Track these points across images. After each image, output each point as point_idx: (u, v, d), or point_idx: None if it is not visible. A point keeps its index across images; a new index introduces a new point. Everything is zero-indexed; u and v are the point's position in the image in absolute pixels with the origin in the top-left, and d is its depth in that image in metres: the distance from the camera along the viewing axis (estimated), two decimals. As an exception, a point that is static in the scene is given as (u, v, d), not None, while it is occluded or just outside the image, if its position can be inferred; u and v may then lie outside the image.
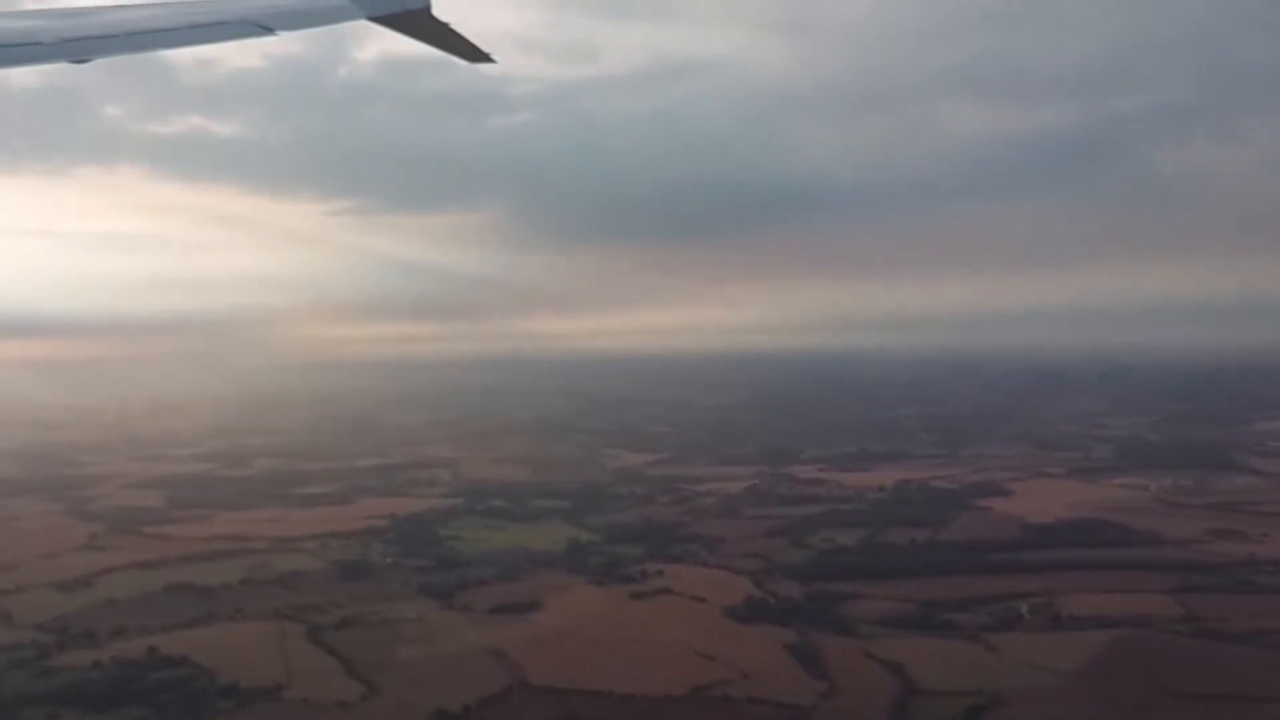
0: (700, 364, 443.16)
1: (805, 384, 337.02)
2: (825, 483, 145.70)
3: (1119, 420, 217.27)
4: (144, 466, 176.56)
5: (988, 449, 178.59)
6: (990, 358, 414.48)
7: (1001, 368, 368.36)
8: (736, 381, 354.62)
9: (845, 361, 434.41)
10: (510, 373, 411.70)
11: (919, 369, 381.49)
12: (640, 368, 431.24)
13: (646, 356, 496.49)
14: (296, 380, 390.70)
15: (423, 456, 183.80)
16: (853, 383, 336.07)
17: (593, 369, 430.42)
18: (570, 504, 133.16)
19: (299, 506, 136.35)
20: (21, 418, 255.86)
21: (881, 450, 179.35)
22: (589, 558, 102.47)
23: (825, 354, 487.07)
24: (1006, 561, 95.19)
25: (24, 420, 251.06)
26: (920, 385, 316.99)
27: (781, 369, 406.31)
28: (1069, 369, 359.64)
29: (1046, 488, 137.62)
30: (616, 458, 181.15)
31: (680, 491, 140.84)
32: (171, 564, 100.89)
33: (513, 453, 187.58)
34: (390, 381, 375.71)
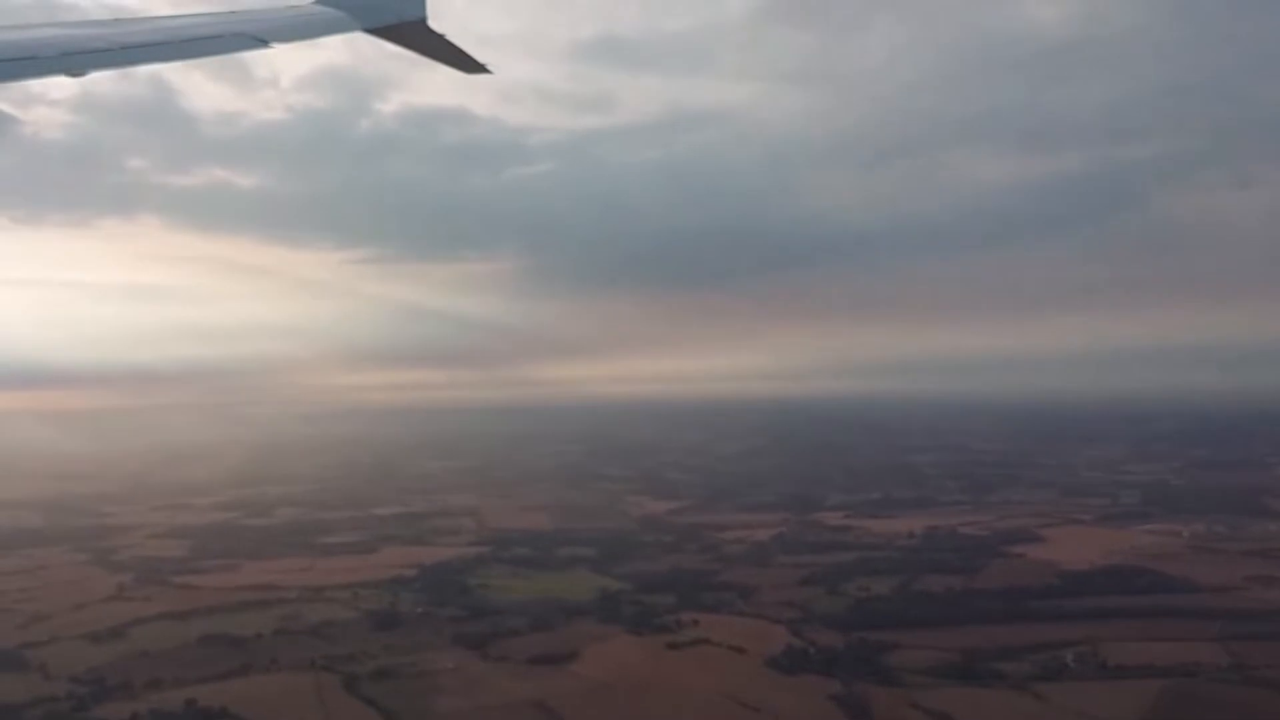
0: (714, 410, 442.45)
1: (822, 429, 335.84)
2: (853, 530, 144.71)
3: (1142, 466, 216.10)
4: (167, 516, 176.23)
5: (1013, 495, 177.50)
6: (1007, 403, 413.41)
7: (1019, 413, 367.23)
8: (752, 427, 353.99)
9: (861, 407, 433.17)
10: (525, 419, 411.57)
11: (936, 414, 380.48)
12: (654, 414, 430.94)
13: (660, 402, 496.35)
14: (313, 428, 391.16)
15: (444, 504, 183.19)
16: (870, 428, 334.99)
17: (607, 415, 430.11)
18: (596, 552, 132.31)
19: (325, 555, 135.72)
20: (43, 468, 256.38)
21: (906, 496, 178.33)
22: (621, 607, 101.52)
23: (840, 399, 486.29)
24: (1046, 609, 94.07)
25: (46, 471, 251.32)
26: (938, 431, 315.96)
27: (797, 414, 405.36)
28: (1086, 414, 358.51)
29: (1077, 534, 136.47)
30: (639, 505, 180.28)
31: (706, 539, 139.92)
32: (202, 614, 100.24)
33: (534, 500, 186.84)
34: (406, 429, 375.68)
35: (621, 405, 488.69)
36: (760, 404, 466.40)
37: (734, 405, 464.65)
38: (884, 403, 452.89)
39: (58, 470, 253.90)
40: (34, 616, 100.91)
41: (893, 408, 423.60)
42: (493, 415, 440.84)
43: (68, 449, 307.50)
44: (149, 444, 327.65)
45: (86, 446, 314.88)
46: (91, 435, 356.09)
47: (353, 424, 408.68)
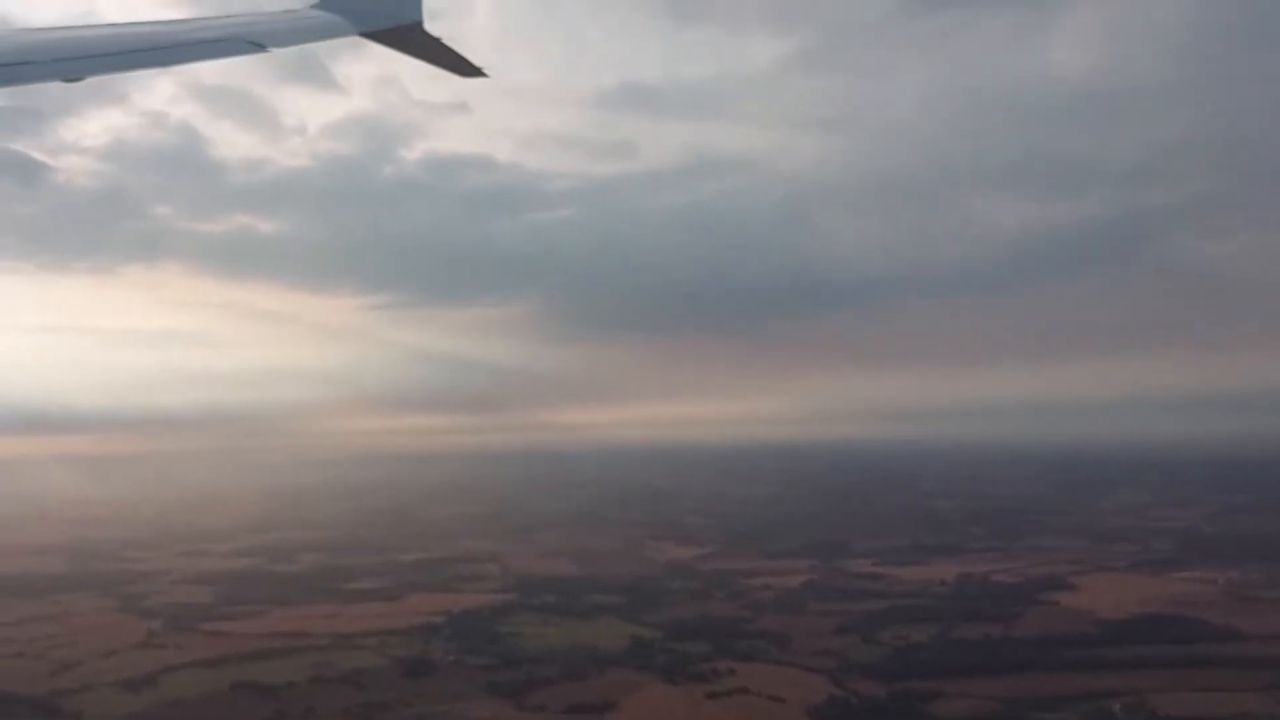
0: (730, 455, 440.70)
1: (841, 475, 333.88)
2: (883, 577, 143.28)
3: (1170, 512, 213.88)
4: (190, 562, 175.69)
5: (1042, 542, 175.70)
6: (1029, 448, 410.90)
7: (1041, 458, 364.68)
8: (769, 472, 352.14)
9: (879, 452, 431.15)
10: (541, 464, 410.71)
11: (956, 460, 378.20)
12: (670, 459, 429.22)
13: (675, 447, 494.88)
14: (332, 473, 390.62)
15: (466, 550, 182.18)
16: (889, 473, 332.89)
17: (622, 460, 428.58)
18: (624, 599, 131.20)
19: (351, 602, 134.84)
20: (63, 513, 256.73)
21: (934, 543, 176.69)
22: (654, 655, 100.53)
23: (858, 444, 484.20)
24: (1088, 658, 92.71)
25: (66, 516, 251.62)
26: (959, 476, 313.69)
27: (815, 460, 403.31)
28: (1109, 459, 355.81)
29: (1111, 582, 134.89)
30: (662, 551, 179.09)
31: (734, 586, 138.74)
32: (234, 661, 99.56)
33: (557, 546, 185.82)
34: (424, 474, 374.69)
35: (637, 450, 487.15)
36: (776, 449, 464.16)
37: (750, 450, 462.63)
38: (902, 448, 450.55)
39: (77, 515, 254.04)
40: (64, 664, 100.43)
41: (912, 453, 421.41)
42: (508, 460, 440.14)
43: (87, 494, 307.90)
44: (167, 489, 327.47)
45: (105, 491, 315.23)
46: (110, 480, 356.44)
47: (370, 469, 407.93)
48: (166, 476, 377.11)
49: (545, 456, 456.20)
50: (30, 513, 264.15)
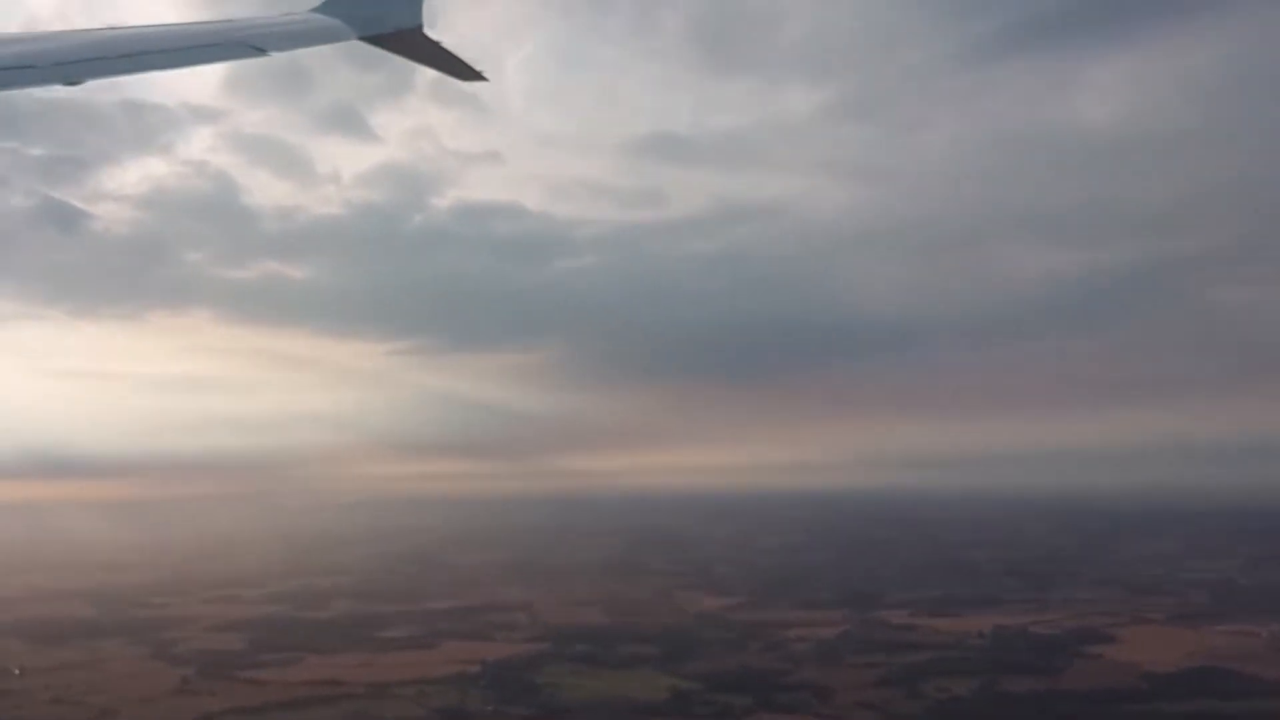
0: (754, 502, 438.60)
1: (867, 523, 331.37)
2: (919, 628, 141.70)
3: (1203, 563, 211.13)
4: (219, 608, 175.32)
5: (1076, 593, 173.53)
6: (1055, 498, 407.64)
7: (1068, 508, 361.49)
8: (794, 520, 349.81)
9: (903, 500, 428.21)
10: (564, 511, 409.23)
11: (982, 509, 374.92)
12: (693, 506, 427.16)
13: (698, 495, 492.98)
14: (356, 518, 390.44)
15: (496, 598, 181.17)
16: (915, 522, 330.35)
17: (646, 507, 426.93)
18: (659, 650, 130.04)
19: (384, 650, 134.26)
20: (90, 558, 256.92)
21: (967, 594, 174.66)
22: (695, 707, 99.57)
23: (882, 493, 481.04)
24: (1142, 713, 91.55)
25: (93, 561, 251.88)
26: (987, 526, 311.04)
27: (839, 508, 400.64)
28: (1136, 509, 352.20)
29: (1152, 634, 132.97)
30: (693, 600, 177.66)
31: (770, 637, 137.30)
32: (273, 710, 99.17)
33: (585, 594, 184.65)
34: (448, 519, 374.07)
35: (660, 497, 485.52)
36: (799, 497, 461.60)
37: (773, 498, 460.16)
38: (927, 497, 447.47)
39: (104, 561, 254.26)
40: (102, 711, 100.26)
41: (937, 502, 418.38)
42: (531, 506, 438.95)
43: (112, 539, 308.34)
44: (193, 534, 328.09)
45: (130, 536, 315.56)
46: (136, 525, 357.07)
47: (394, 514, 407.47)
48: (190, 521, 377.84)
49: (568, 502, 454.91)
50: (56, 557, 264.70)
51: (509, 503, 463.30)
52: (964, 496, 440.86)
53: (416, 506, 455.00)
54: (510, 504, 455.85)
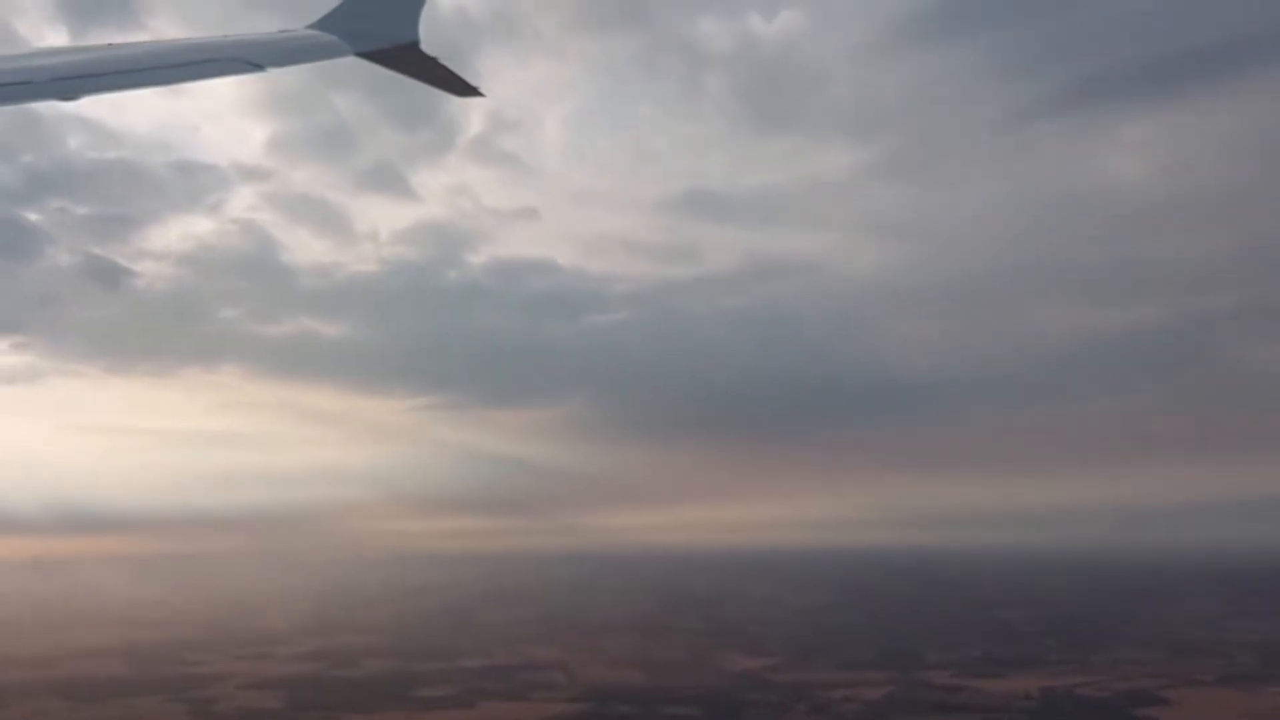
0: (782, 560, 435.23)
1: (898, 581, 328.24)
2: (965, 690, 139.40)
3: (1245, 623, 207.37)
4: (252, 666, 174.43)
5: (1120, 654, 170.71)
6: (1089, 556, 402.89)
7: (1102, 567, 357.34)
8: (823, 578, 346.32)
9: (934, 558, 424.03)
10: (591, 568, 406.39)
11: (1014, 568, 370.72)
12: (721, 563, 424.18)
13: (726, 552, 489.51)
14: (381, 575, 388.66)
15: (530, 657, 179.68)
16: (948, 581, 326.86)
17: (673, 564, 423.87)
18: (703, 712, 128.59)
19: (423, 709, 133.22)
20: (121, 615, 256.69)
21: (1009, 655, 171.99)
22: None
23: (912, 550, 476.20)
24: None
25: (123, 617, 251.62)
26: (1020, 585, 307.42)
27: (869, 565, 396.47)
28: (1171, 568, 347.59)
29: (1205, 696, 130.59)
30: (730, 660, 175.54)
31: (815, 699, 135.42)
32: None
33: (620, 653, 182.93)
34: (475, 576, 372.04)
35: (687, 554, 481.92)
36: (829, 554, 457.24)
37: (801, 555, 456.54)
38: (959, 555, 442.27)
39: (133, 617, 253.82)
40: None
41: (969, 560, 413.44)
42: (557, 563, 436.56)
43: (140, 594, 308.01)
44: (219, 590, 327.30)
45: (158, 592, 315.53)
46: (162, 580, 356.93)
47: (420, 571, 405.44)
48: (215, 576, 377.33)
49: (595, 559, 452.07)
50: (85, 614, 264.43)
51: (535, 559, 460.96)
52: (996, 554, 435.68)
53: (442, 563, 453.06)
54: (536, 560, 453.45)
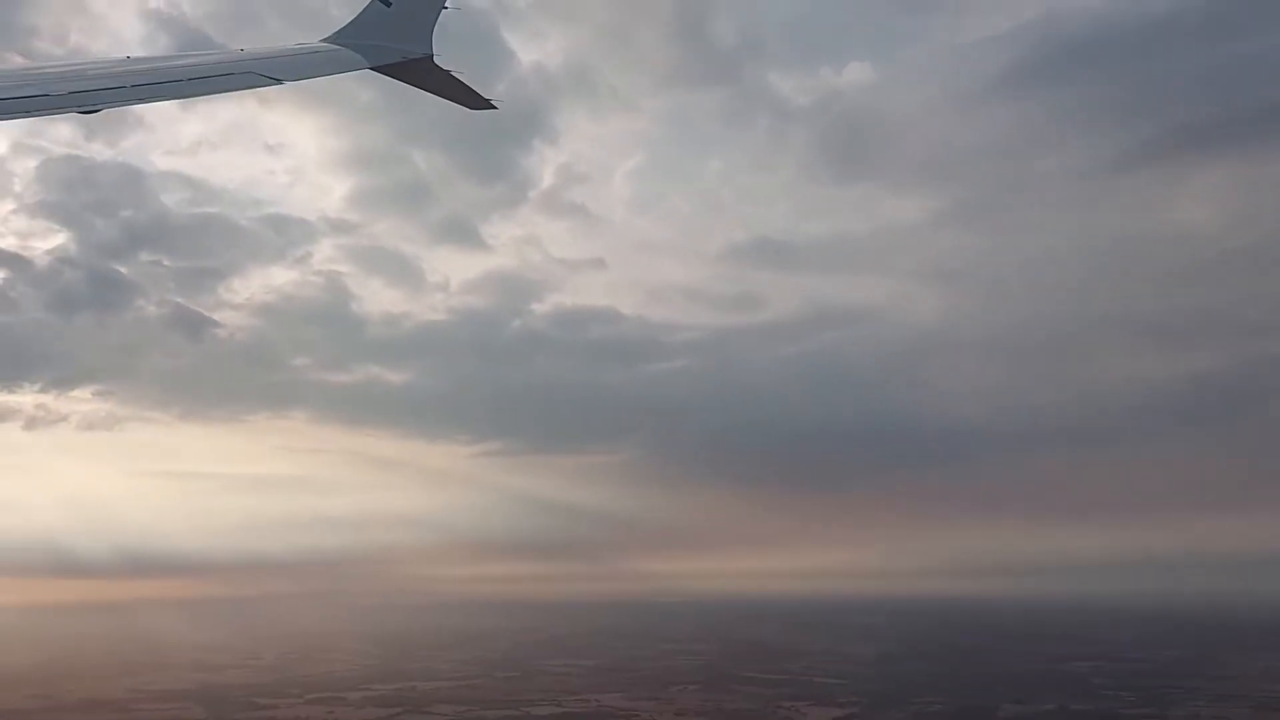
0: (840, 608, 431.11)
1: (959, 632, 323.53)
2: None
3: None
4: (325, 710, 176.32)
5: (1202, 709, 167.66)
6: (1153, 607, 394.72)
7: (1168, 617, 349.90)
8: (881, 628, 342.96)
9: (994, 608, 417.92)
10: (646, 615, 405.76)
11: (1078, 618, 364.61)
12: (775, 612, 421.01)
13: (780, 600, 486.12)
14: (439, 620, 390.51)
15: (600, 705, 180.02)
16: (1010, 631, 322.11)
17: (727, 612, 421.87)
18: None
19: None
20: (188, 659, 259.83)
21: (1085, 709, 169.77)
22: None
23: (971, 600, 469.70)
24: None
25: (191, 661, 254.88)
26: (1084, 637, 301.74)
27: (928, 615, 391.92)
28: (1241, 618, 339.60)
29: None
30: (800, 712, 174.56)
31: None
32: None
33: (690, 704, 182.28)
34: (533, 622, 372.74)
35: (741, 602, 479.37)
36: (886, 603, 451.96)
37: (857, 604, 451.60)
38: (1017, 605, 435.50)
39: (201, 660, 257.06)
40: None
41: (1028, 610, 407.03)
42: (612, 610, 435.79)
43: (205, 638, 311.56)
44: (282, 633, 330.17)
45: (222, 636, 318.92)
46: (226, 624, 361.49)
47: (477, 616, 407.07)
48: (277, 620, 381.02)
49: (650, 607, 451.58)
50: (154, 657, 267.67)
51: (590, 606, 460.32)
52: (1058, 604, 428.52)
53: (498, 608, 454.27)
54: (591, 607, 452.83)
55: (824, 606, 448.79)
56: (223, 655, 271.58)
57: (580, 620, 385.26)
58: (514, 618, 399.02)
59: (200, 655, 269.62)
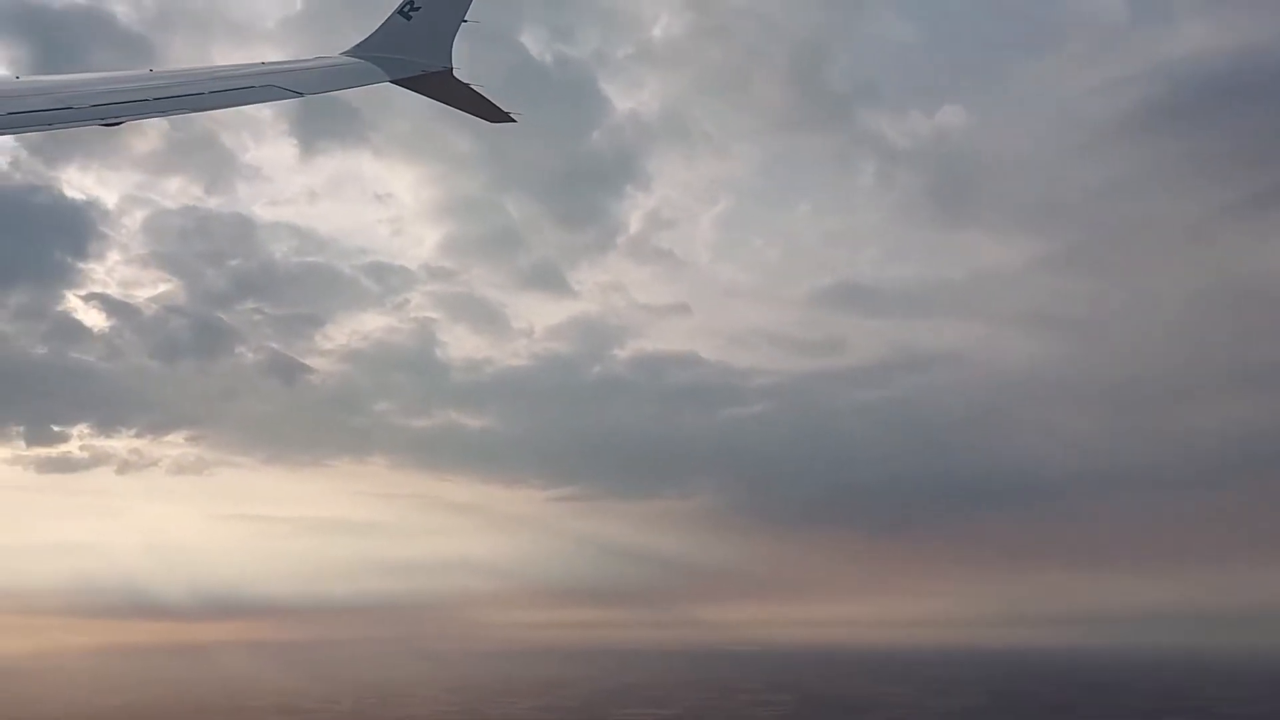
0: (918, 660, 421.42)
1: (1047, 685, 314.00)
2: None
3: None
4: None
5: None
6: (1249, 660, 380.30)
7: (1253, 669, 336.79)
8: (963, 680, 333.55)
9: (1081, 660, 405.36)
10: (719, 663, 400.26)
11: (1172, 671, 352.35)
12: (850, 661, 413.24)
13: (859, 650, 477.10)
14: (508, 667, 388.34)
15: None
16: (1100, 684, 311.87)
17: (801, 662, 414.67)
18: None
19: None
20: (269, 703, 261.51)
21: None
22: None
23: (1052, 651, 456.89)
24: None
25: (272, 705, 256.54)
26: (1184, 690, 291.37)
27: (1010, 667, 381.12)
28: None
29: None
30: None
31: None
32: None
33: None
34: (605, 670, 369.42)
35: (816, 651, 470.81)
36: (964, 654, 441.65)
37: (936, 654, 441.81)
38: (1105, 656, 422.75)
39: (281, 704, 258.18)
40: None
41: (1117, 662, 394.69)
42: (685, 657, 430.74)
43: (282, 682, 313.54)
44: (356, 678, 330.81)
45: (300, 679, 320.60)
46: (302, 668, 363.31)
47: (551, 663, 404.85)
48: (349, 664, 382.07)
49: (724, 654, 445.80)
50: (234, 700, 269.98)
51: (664, 653, 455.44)
52: (1148, 656, 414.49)
53: (571, 655, 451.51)
54: (665, 654, 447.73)
55: (903, 656, 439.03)
56: (301, 699, 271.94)
57: (655, 668, 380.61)
58: (588, 665, 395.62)
59: (279, 699, 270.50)
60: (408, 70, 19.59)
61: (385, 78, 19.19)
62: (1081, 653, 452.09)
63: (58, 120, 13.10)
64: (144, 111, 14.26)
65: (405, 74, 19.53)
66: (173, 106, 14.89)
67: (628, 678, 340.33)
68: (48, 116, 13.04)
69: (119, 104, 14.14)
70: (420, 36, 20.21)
